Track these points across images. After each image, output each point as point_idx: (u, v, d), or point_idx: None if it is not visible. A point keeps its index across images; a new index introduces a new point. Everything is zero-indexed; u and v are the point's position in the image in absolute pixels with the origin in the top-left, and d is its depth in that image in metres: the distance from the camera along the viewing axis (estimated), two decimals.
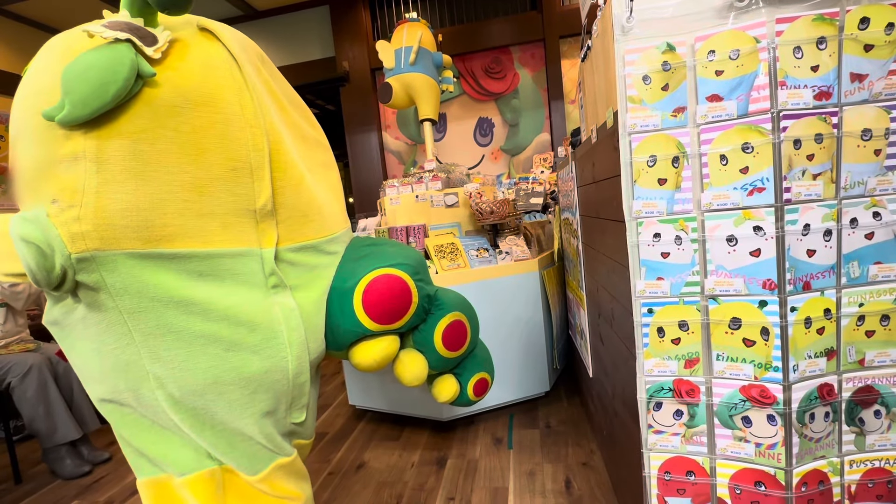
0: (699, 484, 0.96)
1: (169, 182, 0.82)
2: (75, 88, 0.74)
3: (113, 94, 0.75)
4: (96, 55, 0.75)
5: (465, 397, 1.35)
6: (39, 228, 0.76)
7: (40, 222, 0.76)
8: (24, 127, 0.81)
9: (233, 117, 0.88)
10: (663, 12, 0.92)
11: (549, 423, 2.04)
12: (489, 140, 4.02)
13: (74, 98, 0.73)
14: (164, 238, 0.83)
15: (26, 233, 0.75)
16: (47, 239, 0.76)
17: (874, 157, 0.86)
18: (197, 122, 0.84)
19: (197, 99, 0.84)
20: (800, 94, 0.84)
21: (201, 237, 0.86)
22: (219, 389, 0.90)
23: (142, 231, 0.81)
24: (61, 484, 1.99)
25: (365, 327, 1.09)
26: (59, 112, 0.74)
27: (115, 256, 0.80)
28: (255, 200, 0.91)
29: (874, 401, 0.91)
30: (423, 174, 2.51)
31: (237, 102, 0.89)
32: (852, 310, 0.89)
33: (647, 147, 0.93)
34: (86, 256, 0.78)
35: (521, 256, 2.16)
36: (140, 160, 0.80)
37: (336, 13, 4.02)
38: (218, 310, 0.88)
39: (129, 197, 0.79)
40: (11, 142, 0.86)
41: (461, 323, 1.29)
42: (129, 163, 0.79)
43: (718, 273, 0.91)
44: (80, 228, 0.77)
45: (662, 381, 0.97)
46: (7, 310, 2.18)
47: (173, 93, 0.82)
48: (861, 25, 0.83)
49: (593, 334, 1.64)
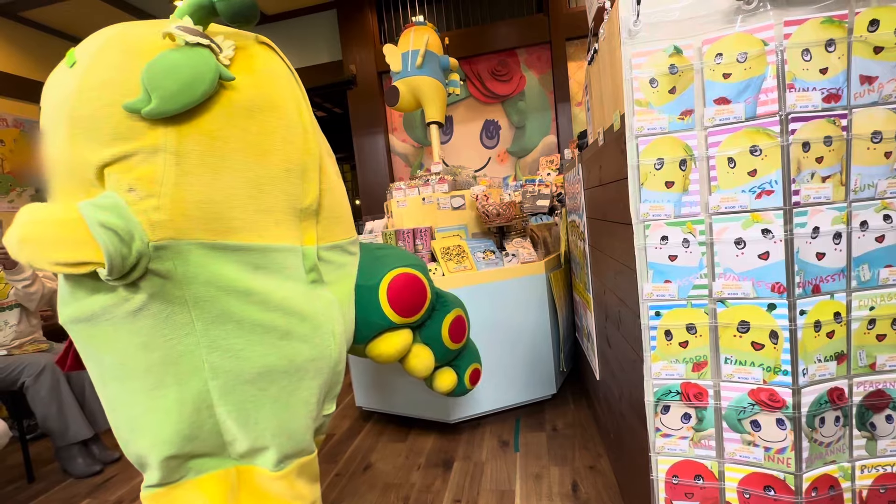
0: (707, 488, 0.96)
1: (237, 178, 0.88)
2: (164, 85, 0.78)
3: (201, 93, 0.81)
4: (183, 56, 0.80)
5: (462, 386, 1.52)
6: (120, 215, 0.78)
7: (120, 210, 0.79)
8: (84, 117, 0.81)
9: (292, 123, 0.97)
10: (670, 15, 0.92)
11: (556, 426, 2.03)
12: (495, 142, 4.02)
13: (164, 93, 0.78)
14: (230, 230, 0.88)
15: (106, 219, 0.77)
16: (128, 226, 0.78)
17: (884, 160, 0.85)
18: (264, 126, 0.92)
19: (265, 104, 0.92)
20: (808, 96, 0.84)
21: (258, 232, 0.91)
22: (271, 377, 0.94)
23: (212, 222, 0.86)
24: (73, 482, 2.01)
25: (390, 320, 1.22)
26: (144, 105, 0.78)
27: (188, 246, 0.84)
28: (302, 200, 0.99)
29: (886, 405, 0.90)
30: (430, 177, 2.52)
31: (296, 110, 0.98)
32: (863, 313, 0.88)
33: (655, 150, 0.94)
34: (163, 244, 0.82)
35: (528, 259, 2.16)
36: (215, 156, 0.86)
37: (343, 17, 4.06)
38: (274, 300, 0.93)
39: (205, 189, 0.85)
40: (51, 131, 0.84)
41: (462, 318, 1.47)
42: (206, 158, 0.85)
43: (726, 276, 0.91)
44: (158, 217, 0.81)
45: (670, 385, 0.97)
46: (21, 311, 2.22)
47: (247, 97, 0.89)
48: (870, 28, 0.82)
49: (600, 337, 1.64)
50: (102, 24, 0.87)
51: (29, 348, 2.18)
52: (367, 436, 2.16)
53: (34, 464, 2.13)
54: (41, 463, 2.23)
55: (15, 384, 2.02)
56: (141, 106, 0.79)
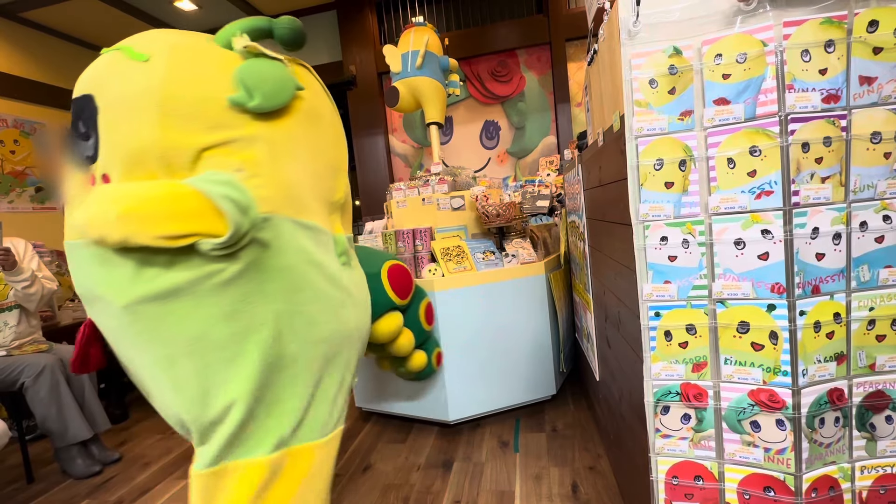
0: (707, 489, 0.95)
1: (304, 170, 1.04)
2: (263, 87, 0.93)
3: (288, 96, 0.98)
4: (270, 65, 0.96)
5: (430, 367, 1.90)
6: (237, 189, 0.88)
7: (237, 185, 0.89)
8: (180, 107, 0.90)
9: (333, 130, 1.15)
10: (670, 16, 0.92)
11: (556, 427, 2.03)
12: (495, 143, 4.03)
13: (265, 93, 0.94)
14: (303, 210, 1.02)
15: (227, 192, 0.86)
16: (245, 198, 0.88)
17: (884, 161, 0.85)
18: (319, 130, 1.09)
19: (317, 113, 1.09)
20: (808, 97, 0.84)
21: (315, 216, 1.06)
22: (331, 341, 1.08)
23: (294, 202, 1.00)
24: (72, 483, 2.01)
25: (392, 300, 1.59)
26: (248, 101, 0.92)
27: (281, 220, 0.97)
28: (335, 194, 1.15)
29: (885, 406, 0.90)
30: (430, 177, 2.52)
31: (334, 120, 1.17)
32: (862, 314, 0.88)
33: (654, 150, 0.94)
34: (266, 217, 0.93)
35: (528, 259, 2.16)
36: (292, 149, 1.01)
37: (343, 18, 4.06)
38: (333, 273, 1.08)
39: (289, 174, 0.99)
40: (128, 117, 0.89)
41: (430, 304, 1.89)
42: (287, 149, 1.00)
43: (726, 276, 0.91)
44: (262, 193, 0.92)
45: (670, 385, 0.97)
46: (20, 311, 2.22)
47: (307, 106, 1.05)
48: (870, 28, 0.82)
49: (600, 338, 1.64)
50: (103, 24, 0.89)
51: (28, 349, 2.18)
52: (367, 436, 2.16)
53: (33, 464, 2.13)
54: (41, 463, 2.22)
55: (14, 385, 2.02)
56: (245, 101, 0.92)
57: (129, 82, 0.90)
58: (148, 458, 2.17)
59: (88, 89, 0.92)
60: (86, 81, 0.94)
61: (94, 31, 3.91)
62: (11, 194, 3.45)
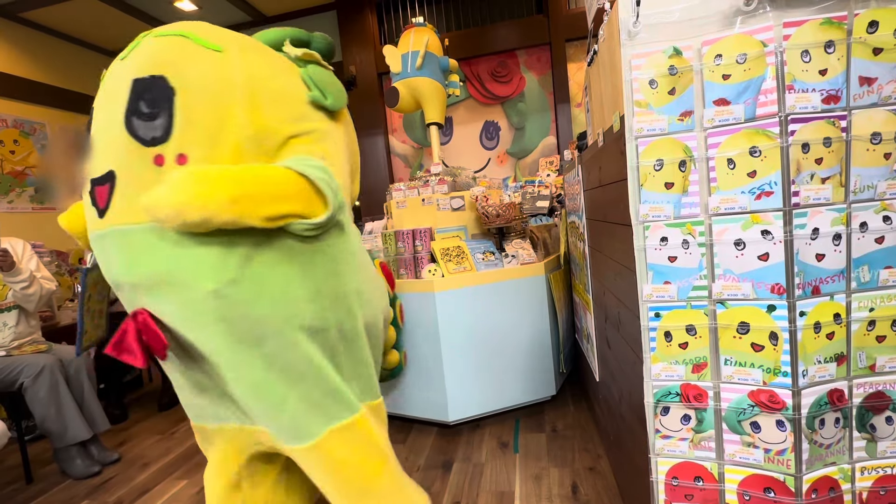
0: (707, 490, 0.95)
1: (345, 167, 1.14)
2: (332, 90, 1.07)
3: (346, 100, 1.13)
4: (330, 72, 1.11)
5: (401, 366, 2.00)
6: (330, 175, 0.96)
7: (329, 171, 0.96)
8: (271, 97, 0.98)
9: (354, 136, 1.26)
10: (670, 17, 0.92)
11: (556, 428, 2.03)
12: (495, 143, 4.03)
13: (336, 95, 1.08)
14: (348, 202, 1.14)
15: (325, 177, 0.94)
16: (336, 184, 0.97)
17: (884, 161, 0.85)
18: (350, 135, 1.22)
19: (349, 119, 1.22)
20: (808, 97, 0.84)
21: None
22: (379, 317, 1.25)
23: (346, 191, 1.09)
24: (72, 484, 2.01)
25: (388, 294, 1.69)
26: (324, 100, 1.05)
27: (347, 207, 1.10)
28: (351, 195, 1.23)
29: (886, 407, 0.90)
30: (430, 178, 2.52)
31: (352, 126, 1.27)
32: (863, 314, 0.88)
33: (654, 151, 0.94)
34: (342, 202, 1.00)
35: (528, 260, 2.16)
36: (344, 147, 1.14)
37: (343, 18, 4.06)
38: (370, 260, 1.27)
39: (345, 166, 1.13)
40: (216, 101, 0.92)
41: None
42: (341, 146, 1.12)
43: (726, 277, 0.90)
44: (338, 181, 1.00)
45: (670, 386, 0.97)
46: (19, 312, 2.22)
47: (346, 111, 1.20)
48: (870, 29, 0.82)
49: (600, 338, 1.64)
50: (102, 24, 0.89)
51: (28, 349, 2.18)
52: None
53: (33, 465, 2.13)
54: (40, 464, 2.22)
55: (13, 385, 2.02)
56: (321, 100, 1.05)
57: (210, 68, 0.92)
58: (147, 459, 2.17)
59: (157, 70, 0.90)
60: (149, 63, 0.91)
61: (93, 31, 3.91)
62: (11, 194, 3.45)
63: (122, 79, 0.92)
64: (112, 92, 0.93)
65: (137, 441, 2.39)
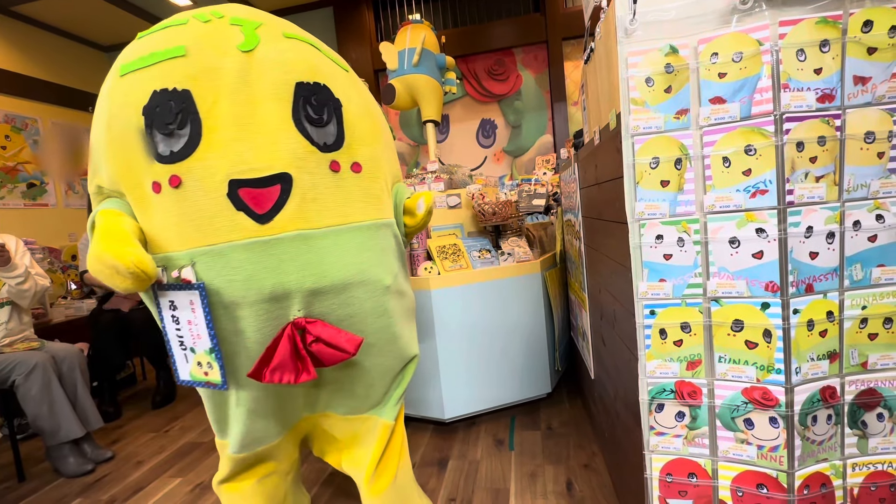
0: (701, 486, 0.96)
1: None
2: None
3: None
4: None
5: None
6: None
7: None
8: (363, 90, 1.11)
9: None
10: (666, 15, 0.92)
11: (551, 425, 2.04)
12: (492, 141, 4.02)
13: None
14: None
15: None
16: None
17: (877, 160, 0.86)
18: None
19: None
20: (803, 96, 0.84)
21: None
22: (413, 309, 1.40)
23: None
24: (64, 482, 2.00)
25: None
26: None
27: None
28: None
29: (877, 404, 0.91)
30: (426, 175, 2.51)
31: None
32: (855, 312, 0.89)
33: (650, 149, 0.94)
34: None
35: (524, 258, 2.17)
36: None
37: (340, 15, 4.04)
38: None
39: None
40: (374, 119, 1.10)
41: None
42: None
43: (721, 275, 0.91)
44: None
45: (664, 383, 0.97)
46: (12, 308, 2.20)
47: None
48: (864, 28, 0.83)
49: (595, 336, 1.64)
50: (95, 19, 0.87)
51: (20, 346, 2.16)
52: None
53: (25, 463, 2.11)
54: (32, 462, 2.20)
55: (5, 382, 2.00)
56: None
57: (351, 86, 1.04)
58: (140, 457, 2.16)
59: (318, 78, 0.94)
60: (306, 68, 0.92)
61: (86, 26, 3.87)
62: (3, 190, 3.41)
63: (266, 75, 0.86)
64: (253, 86, 0.85)
65: (131, 439, 2.37)
